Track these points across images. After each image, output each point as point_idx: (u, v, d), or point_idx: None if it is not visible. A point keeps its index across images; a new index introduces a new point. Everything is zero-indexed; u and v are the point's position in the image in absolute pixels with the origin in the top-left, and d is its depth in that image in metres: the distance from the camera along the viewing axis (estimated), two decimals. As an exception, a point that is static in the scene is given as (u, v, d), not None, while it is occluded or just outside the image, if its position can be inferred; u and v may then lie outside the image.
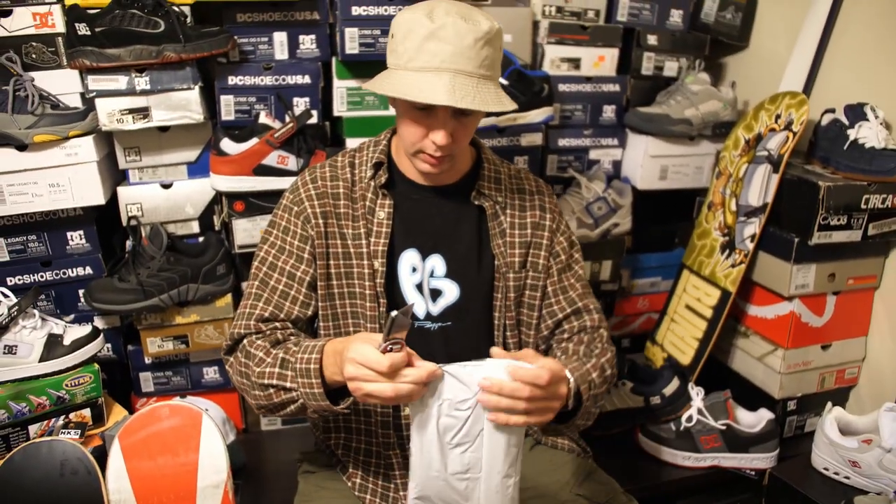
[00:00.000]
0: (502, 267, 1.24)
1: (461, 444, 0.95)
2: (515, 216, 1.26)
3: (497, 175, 1.27)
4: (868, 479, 1.45)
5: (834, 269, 1.64)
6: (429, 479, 0.97)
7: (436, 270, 1.23)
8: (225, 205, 1.58)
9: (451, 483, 0.96)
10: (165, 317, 1.60)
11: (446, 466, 0.95)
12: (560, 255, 1.28)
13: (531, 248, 1.26)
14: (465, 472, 0.96)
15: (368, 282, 1.19)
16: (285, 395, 1.07)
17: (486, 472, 0.96)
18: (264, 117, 1.53)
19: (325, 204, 1.21)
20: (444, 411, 0.93)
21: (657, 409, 1.66)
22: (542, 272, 1.26)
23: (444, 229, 1.23)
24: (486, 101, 1.06)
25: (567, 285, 1.28)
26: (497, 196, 1.25)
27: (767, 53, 1.94)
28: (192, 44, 1.46)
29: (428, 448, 0.95)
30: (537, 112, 1.69)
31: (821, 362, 1.71)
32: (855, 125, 1.59)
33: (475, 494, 0.97)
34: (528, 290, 1.26)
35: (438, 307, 1.22)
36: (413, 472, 0.98)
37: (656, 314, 2.01)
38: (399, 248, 1.22)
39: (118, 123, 1.49)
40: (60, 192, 1.50)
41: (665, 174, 1.89)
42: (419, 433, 0.95)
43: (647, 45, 1.86)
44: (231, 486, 1.32)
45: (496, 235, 1.24)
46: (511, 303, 1.24)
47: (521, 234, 1.26)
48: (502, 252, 1.24)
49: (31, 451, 1.30)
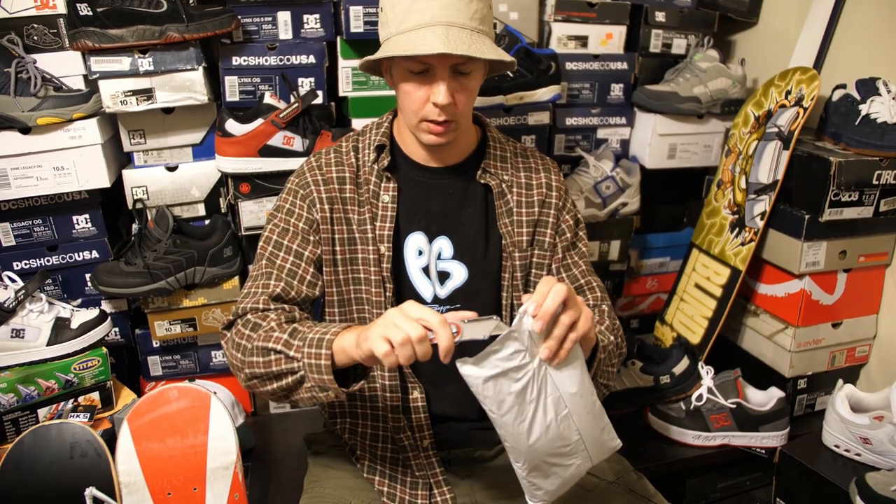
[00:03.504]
0: (509, 246, 1.22)
1: (538, 398, 0.94)
2: (522, 194, 1.25)
3: (503, 153, 1.26)
4: (879, 456, 1.44)
5: (845, 246, 1.62)
6: (531, 451, 0.95)
7: (443, 252, 1.21)
8: (231, 187, 1.57)
9: (551, 437, 0.95)
10: (173, 300, 1.59)
11: (539, 425, 0.94)
12: (566, 234, 1.27)
13: (538, 226, 1.25)
14: (557, 415, 0.95)
15: (374, 266, 1.18)
16: (286, 364, 1.02)
17: (571, 403, 0.95)
18: (269, 98, 1.52)
19: (330, 189, 1.19)
20: (511, 380, 0.91)
21: (667, 389, 1.65)
22: (549, 250, 1.26)
23: (450, 211, 1.22)
24: (481, 49, 1.04)
25: (570, 262, 1.27)
26: (503, 174, 1.24)
27: (777, 30, 1.91)
28: (196, 24, 1.45)
29: (513, 425, 0.93)
30: (544, 91, 1.67)
31: (831, 340, 1.69)
32: (867, 100, 1.56)
33: (573, 428, 0.96)
34: (534, 269, 1.26)
35: (446, 290, 1.21)
36: (515, 456, 0.97)
37: (665, 294, 2.00)
38: (405, 231, 1.21)
39: (122, 105, 1.47)
40: (65, 175, 1.50)
41: (674, 153, 1.87)
42: (500, 418, 0.93)
43: (655, 23, 1.83)
44: (241, 468, 1.32)
45: (503, 214, 1.23)
46: (518, 282, 1.23)
47: (529, 212, 1.24)
48: (509, 231, 1.23)
49: (40, 433, 1.30)
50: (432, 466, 1.20)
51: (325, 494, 1.21)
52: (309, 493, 1.23)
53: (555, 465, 0.98)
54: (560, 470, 0.99)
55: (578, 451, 0.98)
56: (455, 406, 1.23)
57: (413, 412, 1.21)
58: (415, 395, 1.21)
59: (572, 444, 0.97)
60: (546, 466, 0.98)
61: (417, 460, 1.21)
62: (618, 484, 1.21)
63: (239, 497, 1.31)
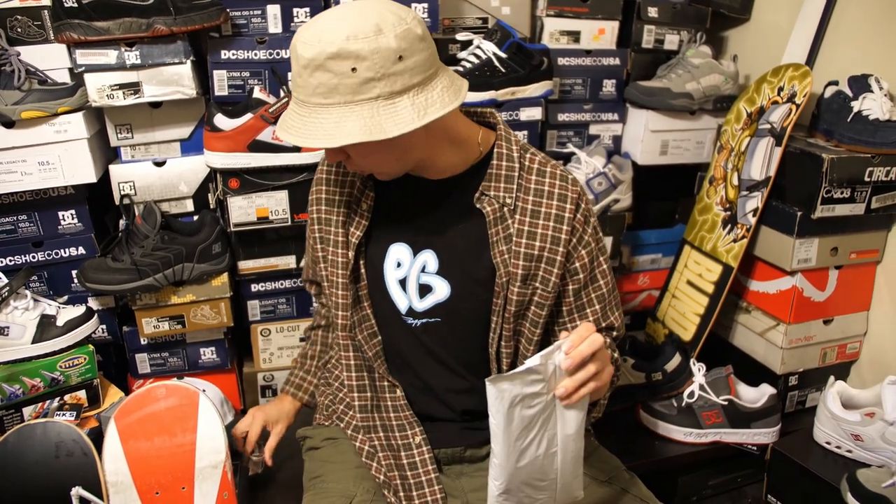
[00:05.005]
0: (503, 276, 1.12)
1: (542, 429, 0.98)
2: (525, 222, 1.12)
3: (509, 172, 1.12)
4: (870, 453, 1.45)
5: (837, 242, 1.62)
6: (514, 472, 0.99)
7: (427, 266, 1.16)
8: (220, 182, 1.54)
9: (535, 468, 0.99)
10: (160, 297, 1.57)
11: (530, 454, 0.98)
12: (578, 274, 1.15)
13: (543, 262, 1.13)
14: (548, 450, 0.99)
15: (341, 270, 1.18)
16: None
17: (563, 444, 1.00)
18: (258, 92, 1.50)
19: (320, 190, 1.21)
20: (525, 406, 0.95)
21: (658, 386, 1.65)
22: (553, 290, 1.14)
23: (439, 225, 1.15)
24: (312, 133, 0.95)
25: (585, 303, 1.18)
26: (505, 197, 1.12)
27: (769, 26, 1.91)
28: (183, 16, 1.43)
29: (512, 445, 0.97)
30: (536, 86, 1.66)
31: (823, 337, 1.70)
32: (859, 97, 1.56)
33: (554, 467, 1.01)
34: (532, 307, 1.15)
35: (426, 303, 1.17)
36: (498, 472, 0.99)
37: (657, 291, 2.00)
38: (387, 240, 1.17)
39: (108, 99, 1.45)
40: (50, 170, 1.47)
41: (666, 149, 1.86)
42: (504, 436, 0.96)
43: (648, 18, 1.82)
44: (230, 467, 1.31)
45: (498, 242, 1.12)
46: (510, 315, 1.15)
47: (529, 244, 1.12)
48: (504, 261, 1.12)
49: (25, 432, 1.28)
50: (425, 465, 1.19)
51: (328, 489, 1.19)
52: (312, 491, 1.22)
53: (526, 495, 1.03)
54: (528, 501, 1.03)
55: (549, 489, 1.03)
56: (441, 408, 1.23)
57: (400, 410, 1.22)
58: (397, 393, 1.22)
59: (548, 481, 1.02)
60: (518, 493, 1.02)
61: (410, 460, 1.20)
62: (610, 483, 1.20)
63: (228, 496, 1.30)
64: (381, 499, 1.18)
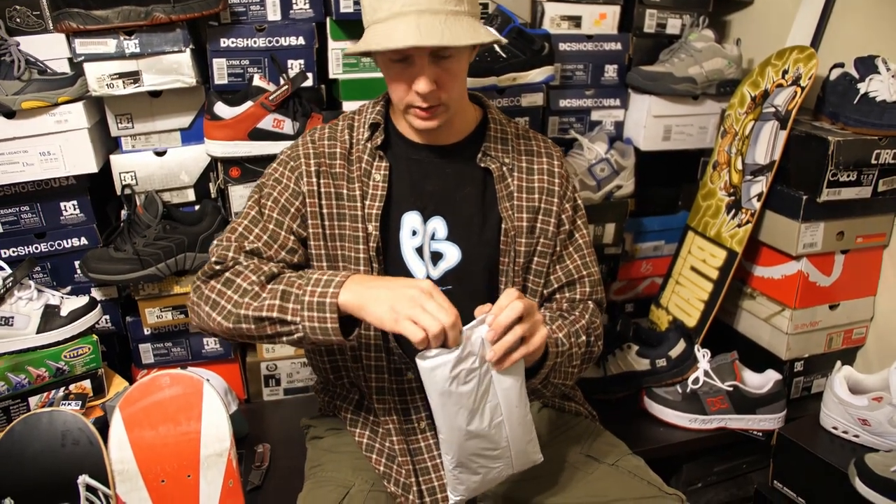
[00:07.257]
0: (510, 231, 1.20)
1: (482, 401, 0.99)
2: (523, 179, 1.22)
3: (504, 135, 1.24)
4: (878, 437, 1.44)
5: (843, 227, 1.61)
6: (462, 447, 1.01)
7: (437, 233, 1.20)
8: (220, 171, 1.54)
9: (483, 438, 1.01)
10: (163, 287, 1.58)
11: (475, 426, 1.00)
12: (564, 224, 1.25)
13: (540, 213, 1.22)
14: (492, 421, 1.01)
15: (362, 245, 1.17)
16: (282, 327, 1.02)
17: (507, 412, 1.01)
18: (258, 80, 1.49)
19: (320, 164, 1.18)
20: (460, 383, 0.97)
21: (663, 372, 1.65)
22: (552, 239, 1.23)
23: (446, 191, 1.20)
24: (456, 35, 1.01)
25: (565, 254, 1.25)
26: (504, 157, 1.22)
27: (773, 8, 1.89)
28: (182, 4, 1.42)
29: (455, 421, 0.99)
30: (538, 71, 1.65)
31: (828, 322, 1.69)
32: (865, 78, 1.54)
33: (503, 435, 1.02)
34: (536, 257, 1.23)
35: (439, 271, 1.19)
36: (447, 448, 1.02)
37: (660, 278, 1.99)
38: (400, 210, 1.19)
39: (108, 88, 1.45)
40: (52, 160, 1.47)
41: (669, 134, 1.85)
42: (443, 413, 0.99)
43: (650, 2, 1.80)
44: (235, 455, 1.31)
45: (504, 198, 1.21)
46: (519, 268, 1.21)
47: (529, 198, 1.22)
48: (510, 215, 1.20)
49: (31, 421, 1.28)
50: (430, 450, 1.19)
51: (328, 478, 1.20)
52: (312, 479, 1.22)
53: (480, 465, 1.04)
54: (484, 471, 1.05)
55: (504, 457, 1.05)
56: None
57: (408, 393, 1.21)
58: (409, 376, 1.20)
59: (500, 449, 1.03)
60: (472, 465, 1.04)
61: (414, 445, 1.20)
62: (616, 467, 1.20)
63: (233, 484, 1.30)
64: (378, 489, 1.18)
